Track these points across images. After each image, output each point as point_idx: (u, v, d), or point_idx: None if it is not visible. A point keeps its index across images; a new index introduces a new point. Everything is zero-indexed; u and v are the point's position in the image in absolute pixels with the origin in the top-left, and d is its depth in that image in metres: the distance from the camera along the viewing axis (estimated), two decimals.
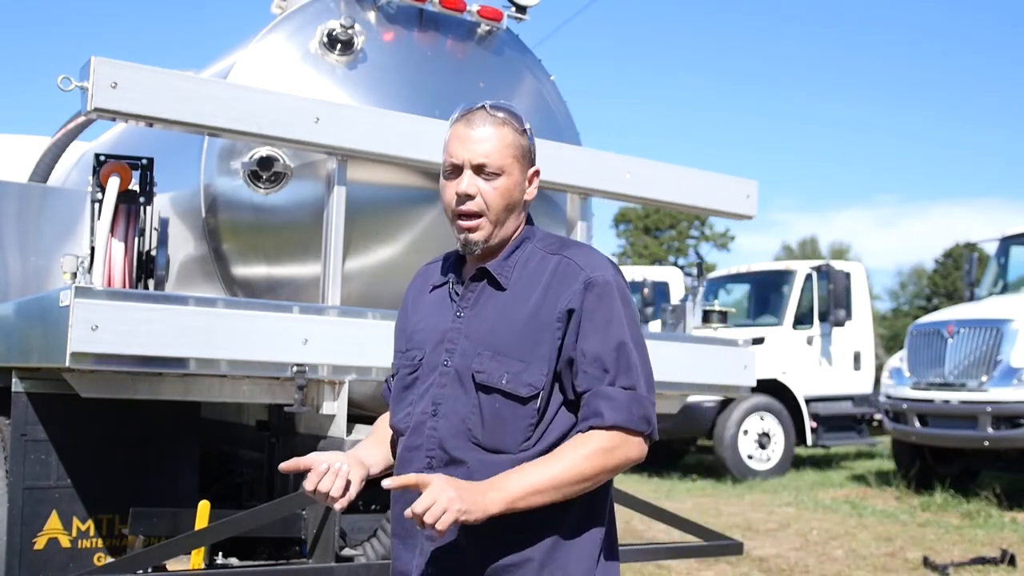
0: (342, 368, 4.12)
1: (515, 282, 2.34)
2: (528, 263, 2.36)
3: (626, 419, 2.21)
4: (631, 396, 2.23)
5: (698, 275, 6.41)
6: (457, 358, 2.31)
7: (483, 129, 2.32)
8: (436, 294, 2.47)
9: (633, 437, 2.23)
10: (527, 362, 2.25)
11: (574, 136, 5.23)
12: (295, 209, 4.37)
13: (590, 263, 2.32)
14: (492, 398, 2.25)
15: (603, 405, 2.21)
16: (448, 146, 2.36)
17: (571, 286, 2.28)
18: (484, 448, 2.25)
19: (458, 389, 2.29)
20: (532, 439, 2.25)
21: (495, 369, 2.26)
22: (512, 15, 5.09)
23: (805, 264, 15.43)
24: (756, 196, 5.37)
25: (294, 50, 4.52)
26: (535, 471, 2.17)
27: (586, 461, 2.18)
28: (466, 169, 2.32)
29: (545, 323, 2.26)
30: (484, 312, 2.33)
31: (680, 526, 5.10)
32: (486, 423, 2.25)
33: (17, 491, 4.15)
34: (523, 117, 2.41)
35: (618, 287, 2.30)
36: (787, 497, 11.87)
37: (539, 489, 2.15)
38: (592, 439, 2.21)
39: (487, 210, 2.32)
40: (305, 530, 4.26)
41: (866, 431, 15.22)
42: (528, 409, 2.25)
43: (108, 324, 3.61)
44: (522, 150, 2.37)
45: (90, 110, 3.75)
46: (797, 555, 8.40)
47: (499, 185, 2.32)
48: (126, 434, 4.36)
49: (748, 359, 5.22)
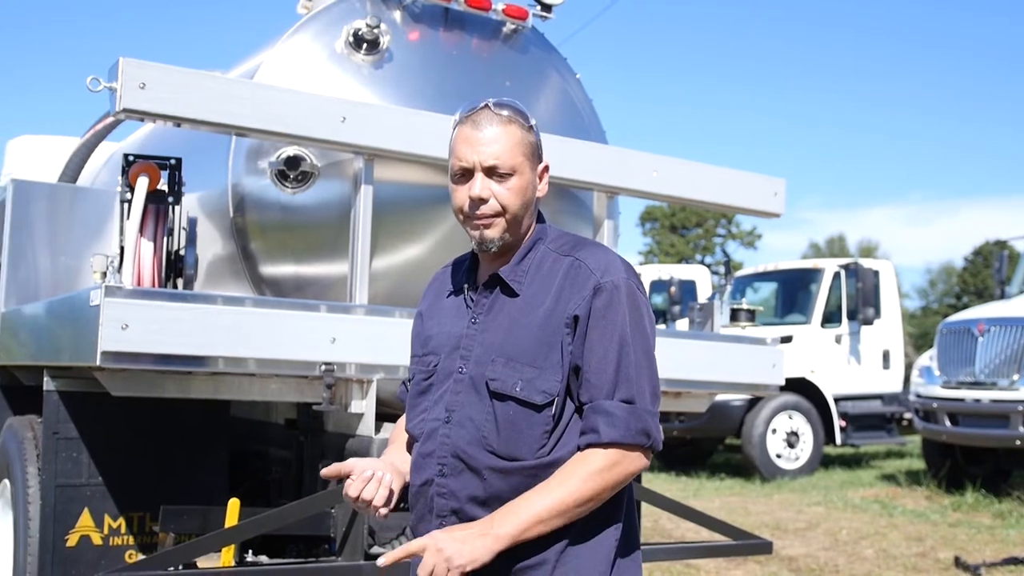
0: (370, 367, 4.12)
1: (528, 287, 2.30)
2: (541, 266, 2.32)
3: (623, 435, 2.18)
4: (629, 411, 2.19)
5: (725, 273, 6.39)
6: (471, 365, 2.28)
7: (490, 129, 2.26)
8: (452, 300, 2.44)
9: (632, 452, 2.20)
10: (541, 368, 2.22)
11: (600, 134, 5.22)
12: (322, 208, 4.39)
13: (601, 266, 2.27)
14: (506, 405, 2.23)
15: (600, 421, 2.18)
16: (455, 149, 2.30)
17: (581, 291, 2.24)
18: (499, 456, 2.22)
19: (472, 396, 2.26)
20: (547, 446, 2.22)
21: (509, 376, 2.23)
22: (538, 14, 5.08)
23: (833, 262, 15.34)
24: (784, 194, 5.34)
25: (320, 50, 4.54)
26: (536, 500, 2.15)
27: (585, 484, 2.16)
28: (477, 172, 2.26)
29: (556, 329, 2.23)
30: (498, 318, 2.30)
31: (709, 525, 5.07)
32: (501, 431, 2.23)
33: (49, 489, 4.19)
34: (527, 112, 2.35)
35: (628, 291, 2.25)
36: (816, 496, 11.80)
37: (542, 519, 2.14)
38: (590, 459, 2.18)
39: (503, 212, 2.27)
40: (334, 528, 4.27)
41: (895, 430, 15.11)
42: (543, 416, 2.22)
43: (137, 323, 3.63)
44: (531, 147, 2.32)
45: (118, 110, 3.77)
46: (827, 555, 8.35)
47: (513, 185, 2.28)
48: (156, 432, 4.40)
49: (776, 358, 5.19)
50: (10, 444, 4.76)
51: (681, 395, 5.09)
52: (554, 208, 4.70)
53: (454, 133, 2.33)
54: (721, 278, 5.83)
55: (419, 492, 2.31)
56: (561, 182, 4.59)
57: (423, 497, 2.29)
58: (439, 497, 2.26)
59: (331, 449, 4.48)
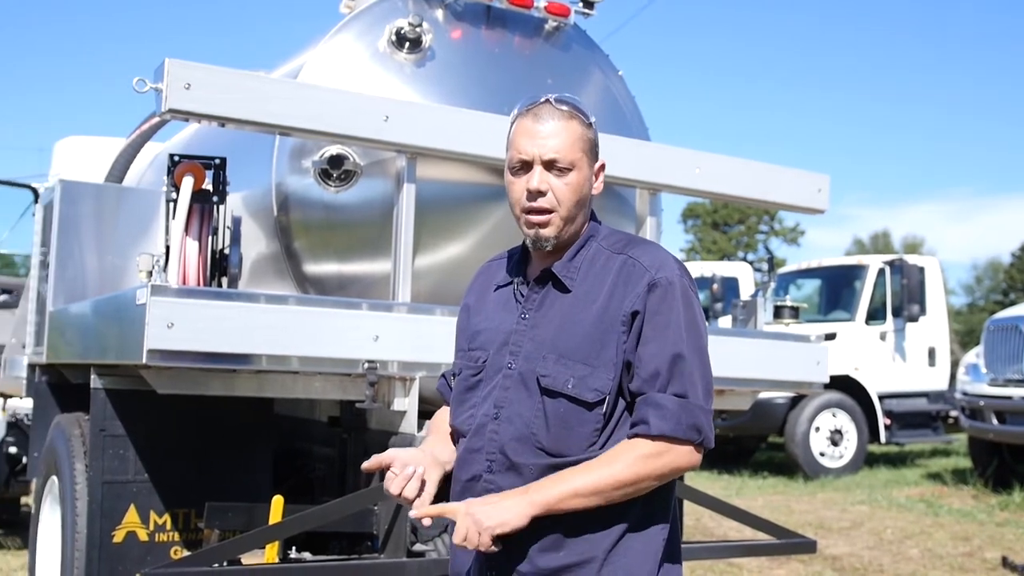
0: (412, 364, 4.13)
1: (580, 283, 2.30)
2: (594, 263, 2.32)
3: (673, 428, 2.16)
4: (681, 404, 2.18)
5: (769, 270, 6.35)
6: (521, 361, 2.28)
7: (551, 123, 2.27)
8: (500, 294, 2.44)
9: (681, 446, 2.18)
10: (593, 366, 2.21)
11: (643, 131, 5.20)
12: (365, 207, 4.40)
13: (655, 263, 2.27)
14: (557, 402, 2.22)
15: (651, 413, 2.17)
16: (514, 141, 2.31)
17: (635, 288, 2.23)
18: (548, 452, 2.22)
19: (522, 392, 2.26)
20: (597, 444, 2.22)
21: (560, 373, 2.22)
22: (579, 11, 5.07)
23: (877, 259, 15.19)
24: (828, 190, 5.29)
25: (363, 49, 4.55)
26: (576, 475, 2.15)
27: (628, 467, 2.15)
28: (536, 165, 2.27)
29: (610, 326, 2.22)
30: (549, 315, 2.30)
31: (752, 523, 5.04)
32: (551, 428, 2.22)
33: (96, 485, 4.24)
34: (586, 109, 2.35)
35: (682, 288, 2.25)
36: (860, 495, 11.70)
37: (579, 493, 2.13)
38: (636, 445, 2.17)
39: (558, 206, 2.27)
40: (377, 525, 4.29)
41: (941, 428, 14.94)
42: (594, 414, 2.21)
43: (183, 322, 3.66)
44: (590, 144, 2.33)
45: (164, 111, 3.80)
46: (871, 554, 8.28)
47: (570, 180, 2.28)
48: (201, 429, 4.43)
49: (821, 355, 5.15)
50: (58, 441, 4.82)
51: (724, 393, 5.05)
52: (597, 205, 4.66)
53: (513, 126, 2.33)
54: (764, 275, 5.77)
55: (466, 487, 2.31)
56: (604, 179, 4.57)
57: (470, 492, 2.29)
58: (487, 493, 2.25)
59: (374, 446, 4.49)
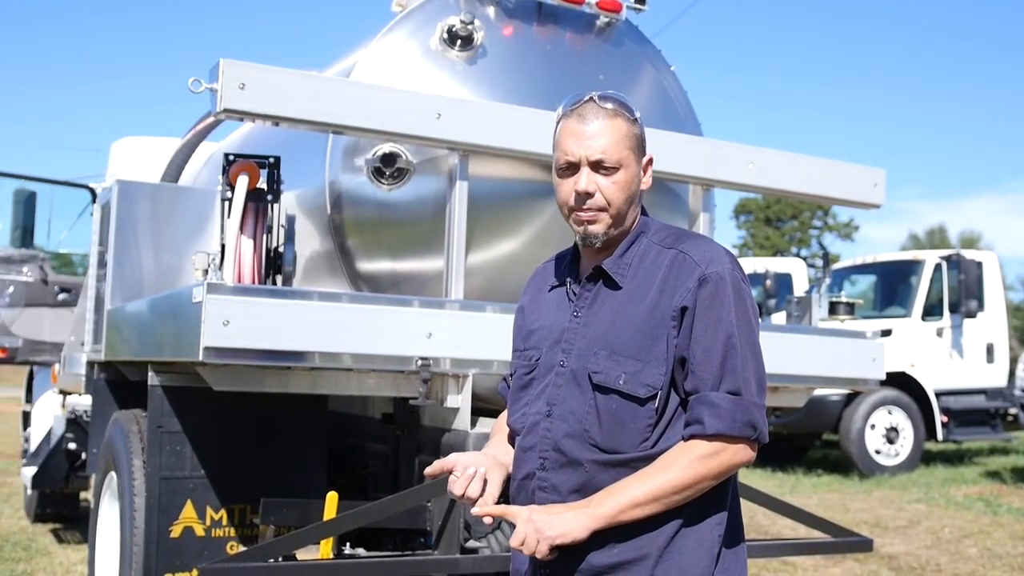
0: (465, 361, 4.14)
1: (631, 279, 2.29)
2: (644, 259, 2.30)
3: (728, 427, 2.15)
4: (735, 402, 2.16)
5: (823, 266, 6.29)
6: (573, 358, 2.28)
7: (596, 123, 2.25)
8: (554, 294, 2.44)
9: (736, 444, 2.17)
10: (644, 362, 2.20)
11: (695, 127, 5.17)
12: (418, 204, 4.41)
13: (706, 257, 2.24)
14: (609, 399, 2.22)
15: (705, 412, 2.16)
16: (560, 143, 2.30)
17: (686, 283, 2.21)
18: (601, 449, 2.22)
19: (574, 390, 2.26)
20: (650, 440, 2.21)
21: (612, 369, 2.22)
22: (631, 6, 5.05)
23: (934, 254, 14.99)
24: (883, 184, 5.23)
25: (415, 47, 4.57)
26: (635, 484, 2.14)
27: (685, 471, 2.14)
28: (583, 166, 2.25)
29: (661, 321, 2.21)
30: (601, 311, 2.29)
31: (807, 522, 5.00)
32: (603, 424, 2.22)
33: (154, 481, 4.29)
34: (631, 105, 2.33)
35: (733, 282, 2.23)
36: (917, 494, 11.55)
37: (639, 502, 2.13)
38: (692, 448, 2.16)
39: (608, 206, 2.26)
40: (430, 522, 4.30)
41: (1000, 426, 14.70)
42: (646, 410, 2.21)
43: (238, 319, 3.70)
44: (636, 140, 2.31)
45: (219, 111, 3.84)
46: (928, 553, 8.17)
47: (619, 179, 2.26)
48: (257, 426, 4.47)
49: (877, 351, 5.09)
50: (116, 438, 4.89)
51: (778, 390, 5.01)
52: (649, 201, 4.61)
53: (558, 127, 2.32)
54: (818, 271, 5.74)
55: (521, 485, 2.32)
56: (656, 175, 4.51)
57: (524, 491, 2.30)
58: (540, 491, 2.26)
59: (427, 443, 4.51)
